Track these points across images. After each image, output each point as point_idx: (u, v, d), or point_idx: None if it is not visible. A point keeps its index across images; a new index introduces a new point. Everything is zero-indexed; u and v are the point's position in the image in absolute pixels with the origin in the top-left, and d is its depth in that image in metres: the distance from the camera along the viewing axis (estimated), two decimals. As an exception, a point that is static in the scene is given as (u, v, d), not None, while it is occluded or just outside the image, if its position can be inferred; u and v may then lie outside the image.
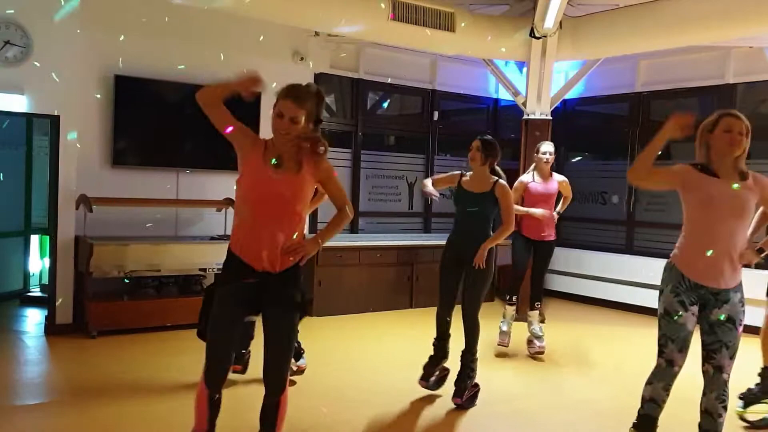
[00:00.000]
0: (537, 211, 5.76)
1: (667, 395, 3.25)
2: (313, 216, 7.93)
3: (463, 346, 4.59)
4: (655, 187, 3.37)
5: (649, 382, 3.30)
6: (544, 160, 5.89)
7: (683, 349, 3.15)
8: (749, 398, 4.46)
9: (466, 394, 4.50)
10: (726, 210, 3.07)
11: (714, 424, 3.18)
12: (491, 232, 4.53)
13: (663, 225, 7.95)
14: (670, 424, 3.48)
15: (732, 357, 3.12)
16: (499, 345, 5.95)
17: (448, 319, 4.65)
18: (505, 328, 5.98)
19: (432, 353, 4.74)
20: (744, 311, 3.13)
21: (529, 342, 5.96)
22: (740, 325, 3.11)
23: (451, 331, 4.70)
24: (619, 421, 4.40)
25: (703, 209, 3.11)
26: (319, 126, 3.04)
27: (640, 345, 6.64)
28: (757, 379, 4.52)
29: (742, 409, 4.41)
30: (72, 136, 6.02)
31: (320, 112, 3.03)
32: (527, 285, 6.14)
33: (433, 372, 4.73)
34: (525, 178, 5.97)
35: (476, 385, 4.59)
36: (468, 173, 4.64)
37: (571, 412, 4.58)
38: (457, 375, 4.57)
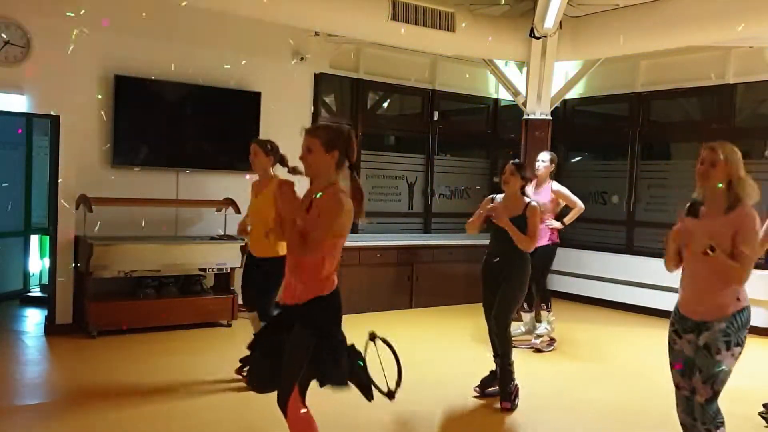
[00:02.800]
0: (553, 224, 5.97)
1: (694, 419, 3.22)
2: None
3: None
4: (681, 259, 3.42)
5: (677, 407, 3.34)
6: (537, 167, 6.03)
7: (684, 374, 3.23)
8: None
9: (513, 397, 4.56)
10: (697, 249, 3.12)
11: None
12: (525, 252, 4.60)
13: (663, 225, 7.92)
14: None
15: (706, 382, 3.10)
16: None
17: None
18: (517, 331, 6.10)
19: (493, 368, 4.80)
20: (728, 340, 3.08)
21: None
22: (718, 353, 3.08)
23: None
24: (620, 421, 4.41)
25: (685, 248, 3.25)
26: (345, 167, 3.07)
27: (640, 345, 6.64)
28: None
29: (765, 411, 4.47)
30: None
31: (340, 147, 3.03)
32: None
33: (491, 385, 4.76)
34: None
35: (517, 386, 4.65)
36: (498, 196, 4.73)
37: (571, 412, 4.59)
38: (499, 381, 4.62)
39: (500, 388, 4.60)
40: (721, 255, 3.02)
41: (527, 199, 4.62)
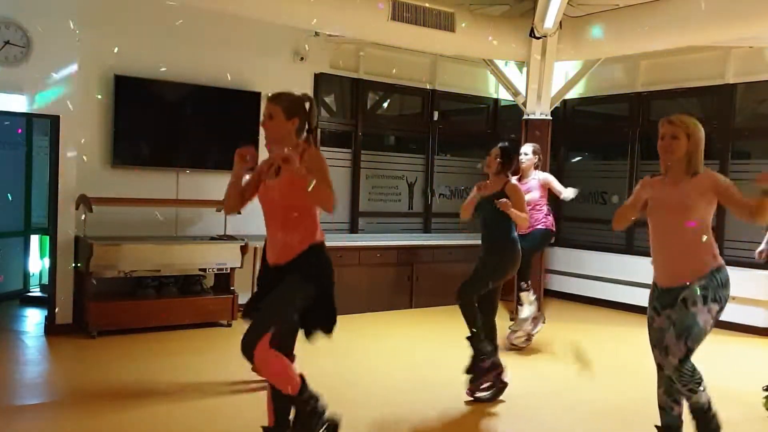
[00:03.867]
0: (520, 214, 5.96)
1: (674, 402, 3.22)
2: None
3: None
4: (636, 216, 3.44)
5: (657, 388, 3.34)
6: (520, 161, 6.11)
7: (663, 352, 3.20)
8: None
9: (482, 384, 4.56)
10: (667, 213, 3.18)
11: (670, 418, 3.25)
12: (512, 231, 4.70)
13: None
14: None
15: (679, 336, 3.05)
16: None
17: (492, 330, 4.75)
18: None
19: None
20: (705, 294, 3.07)
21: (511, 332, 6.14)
22: (694, 305, 3.06)
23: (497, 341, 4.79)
24: (619, 421, 4.41)
25: (651, 214, 3.28)
26: (304, 133, 3.19)
27: (640, 345, 6.62)
28: None
29: (766, 399, 4.52)
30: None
31: (300, 114, 3.16)
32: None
33: (479, 379, 4.64)
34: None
35: (503, 382, 4.62)
36: (485, 183, 4.84)
37: (570, 412, 4.58)
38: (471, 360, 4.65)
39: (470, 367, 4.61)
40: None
41: (507, 178, 4.77)
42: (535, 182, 6.15)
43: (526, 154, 6.18)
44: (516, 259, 4.72)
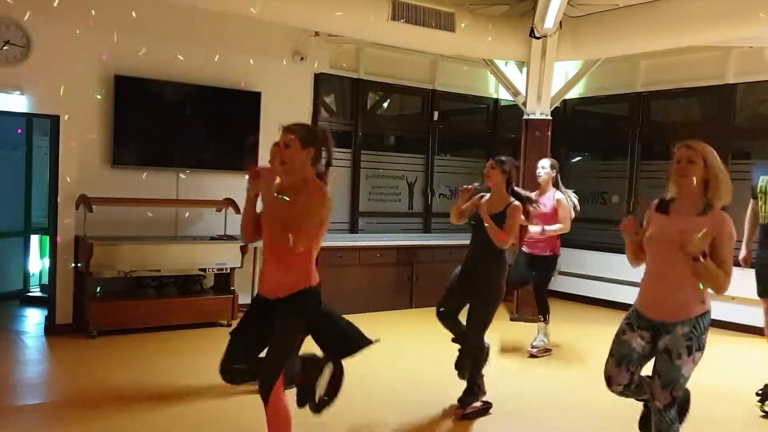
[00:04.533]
0: (533, 229, 5.80)
1: (633, 393, 3.25)
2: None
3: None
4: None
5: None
6: (538, 174, 5.98)
7: (622, 362, 3.21)
8: (767, 393, 4.59)
9: (469, 407, 4.40)
10: (664, 247, 3.07)
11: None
12: (504, 254, 4.47)
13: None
14: None
15: (665, 387, 3.02)
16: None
17: (447, 321, 4.56)
18: None
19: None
20: (690, 345, 2.99)
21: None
22: (678, 357, 2.99)
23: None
24: (620, 421, 4.41)
25: (649, 245, 3.18)
26: (320, 166, 3.15)
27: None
28: None
29: (760, 402, 4.56)
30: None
31: (316, 145, 3.11)
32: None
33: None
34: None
35: (486, 403, 4.48)
36: (486, 195, 4.58)
37: (571, 412, 4.59)
38: (463, 391, 4.45)
39: (462, 395, 4.45)
40: (711, 263, 2.89)
41: (512, 199, 4.45)
42: (550, 203, 5.87)
43: (543, 168, 5.95)
44: (504, 283, 4.47)
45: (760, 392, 4.63)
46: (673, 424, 3.07)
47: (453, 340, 4.62)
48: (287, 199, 2.97)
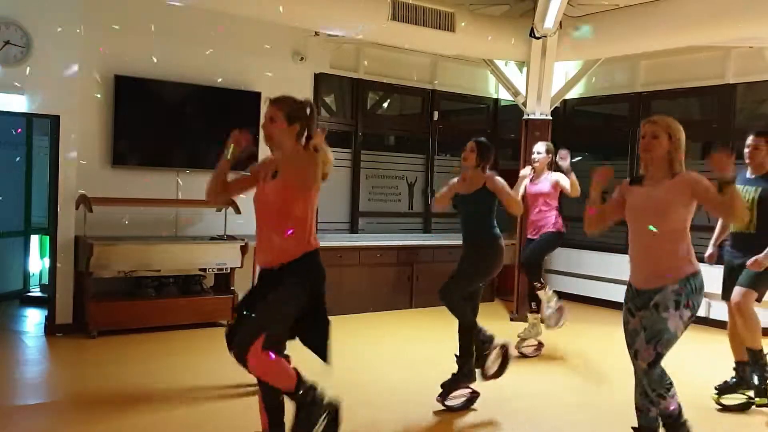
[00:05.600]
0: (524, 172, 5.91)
1: (651, 403, 3.22)
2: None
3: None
4: (612, 219, 3.46)
5: (635, 388, 3.32)
6: (533, 159, 6.03)
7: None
8: (725, 389, 4.64)
9: (451, 397, 4.40)
10: (644, 214, 3.17)
11: (646, 420, 3.25)
12: (494, 226, 4.57)
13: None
14: None
15: (649, 341, 3.04)
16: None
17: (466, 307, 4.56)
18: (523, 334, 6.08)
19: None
20: (678, 300, 3.06)
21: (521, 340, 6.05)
22: (665, 310, 3.05)
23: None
24: (619, 421, 4.40)
25: (631, 219, 3.28)
26: (304, 138, 3.17)
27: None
28: (733, 373, 4.68)
29: (716, 396, 4.60)
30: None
31: (302, 120, 3.14)
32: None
33: (453, 389, 4.50)
34: (524, 171, 5.98)
35: (474, 392, 4.48)
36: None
37: (571, 412, 4.58)
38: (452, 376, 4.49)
39: (446, 381, 4.45)
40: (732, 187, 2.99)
41: (486, 173, 4.54)
42: (547, 183, 5.96)
43: (539, 153, 6.01)
44: (500, 255, 4.56)
45: (719, 386, 4.65)
46: (663, 379, 3.09)
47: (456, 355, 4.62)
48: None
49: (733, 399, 4.60)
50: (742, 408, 4.54)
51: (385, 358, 5.84)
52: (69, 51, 5.98)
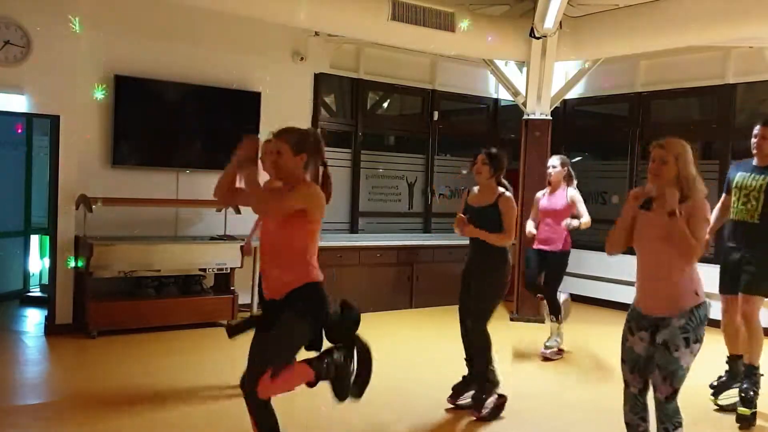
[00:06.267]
0: (529, 225, 5.94)
1: (640, 419, 3.25)
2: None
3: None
4: (630, 241, 3.39)
5: (624, 404, 3.32)
6: (548, 173, 5.98)
7: (634, 370, 3.23)
8: (720, 387, 4.64)
9: (485, 408, 4.34)
10: (652, 242, 3.15)
11: None
12: (504, 248, 4.45)
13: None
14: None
15: (666, 379, 3.07)
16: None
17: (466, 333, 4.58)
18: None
19: (465, 374, 4.62)
20: (687, 337, 3.05)
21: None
22: (677, 350, 3.04)
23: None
24: (619, 421, 4.41)
25: (638, 243, 3.28)
26: (314, 167, 3.15)
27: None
28: (726, 367, 4.69)
29: (713, 398, 4.59)
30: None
31: (309, 149, 3.09)
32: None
33: (466, 391, 4.53)
34: (539, 192, 6.06)
35: (501, 396, 4.42)
36: (475, 188, 4.58)
37: (571, 411, 4.59)
38: (475, 389, 4.42)
39: (474, 393, 4.41)
40: (682, 222, 2.99)
41: (501, 189, 4.41)
42: (562, 200, 5.89)
43: (554, 167, 5.93)
44: (509, 273, 4.49)
45: (714, 384, 4.65)
46: (675, 416, 3.12)
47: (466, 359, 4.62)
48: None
49: (728, 398, 4.59)
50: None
51: (385, 358, 5.82)
52: (69, 51, 5.98)
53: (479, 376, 4.40)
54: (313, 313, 3.06)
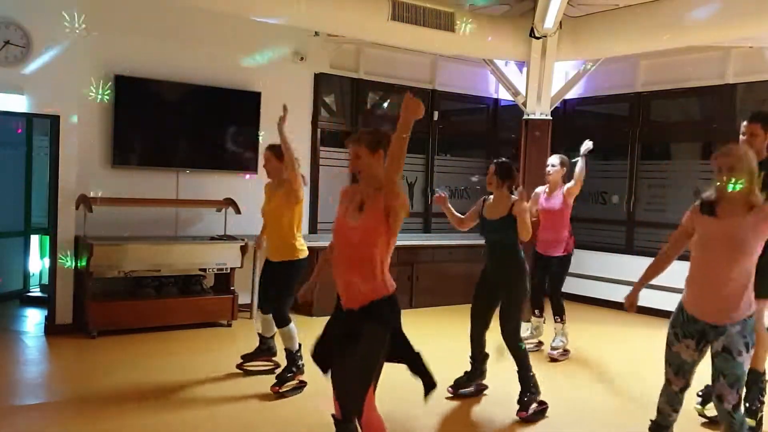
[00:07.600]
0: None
1: (674, 411, 3.32)
2: (314, 215, 7.93)
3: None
4: (678, 253, 3.39)
5: (660, 395, 3.39)
6: (547, 172, 5.98)
7: (678, 373, 3.27)
8: (707, 395, 4.53)
9: (530, 409, 4.41)
10: (719, 249, 3.12)
11: (664, 420, 3.36)
12: (520, 250, 4.55)
13: (663, 225, 7.95)
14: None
15: (732, 385, 3.09)
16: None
17: (482, 341, 4.72)
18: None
19: (468, 369, 4.81)
20: (746, 342, 3.09)
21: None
22: (740, 354, 3.08)
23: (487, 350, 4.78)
24: (619, 421, 4.41)
25: (700, 249, 3.21)
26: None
27: (640, 345, 6.65)
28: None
29: (700, 407, 4.49)
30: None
31: (384, 146, 3.15)
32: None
33: (466, 386, 4.78)
34: (539, 189, 6.04)
35: (543, 403, 4.49)
36: (489, 197, 4.66)
37: (571, 411, 4.59)
38: (519, 392, 4.49)
39: (519, 397, 4.48)
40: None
41: (513, 197, 4.52)
42: (559, 200, 5.89)
43: (553, 165, 5.93)
44: (526, 277, 4.61)
45: (700, 393, 4.51)
46: (743, 427, 3.16)
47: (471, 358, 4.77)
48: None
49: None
50: None
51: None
52: (69, 51, 5.97)
53: (524, 383, 4.47)
54: (394, 323, 3.13)
